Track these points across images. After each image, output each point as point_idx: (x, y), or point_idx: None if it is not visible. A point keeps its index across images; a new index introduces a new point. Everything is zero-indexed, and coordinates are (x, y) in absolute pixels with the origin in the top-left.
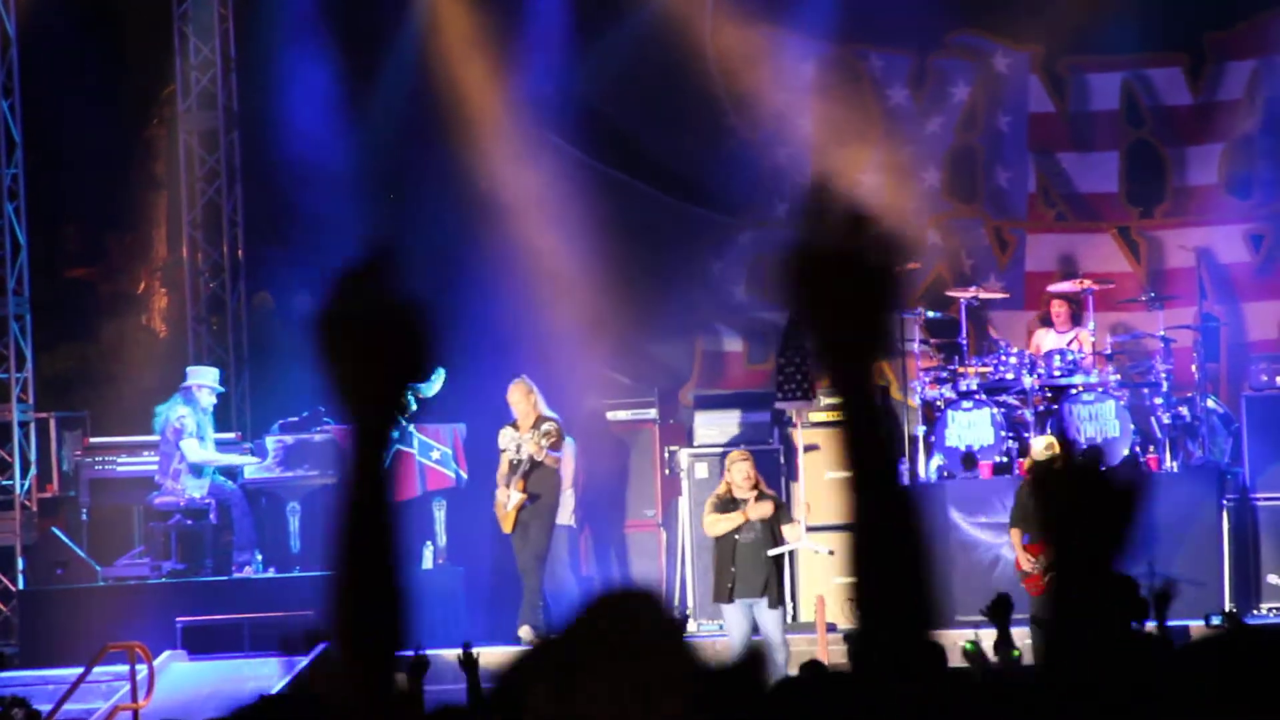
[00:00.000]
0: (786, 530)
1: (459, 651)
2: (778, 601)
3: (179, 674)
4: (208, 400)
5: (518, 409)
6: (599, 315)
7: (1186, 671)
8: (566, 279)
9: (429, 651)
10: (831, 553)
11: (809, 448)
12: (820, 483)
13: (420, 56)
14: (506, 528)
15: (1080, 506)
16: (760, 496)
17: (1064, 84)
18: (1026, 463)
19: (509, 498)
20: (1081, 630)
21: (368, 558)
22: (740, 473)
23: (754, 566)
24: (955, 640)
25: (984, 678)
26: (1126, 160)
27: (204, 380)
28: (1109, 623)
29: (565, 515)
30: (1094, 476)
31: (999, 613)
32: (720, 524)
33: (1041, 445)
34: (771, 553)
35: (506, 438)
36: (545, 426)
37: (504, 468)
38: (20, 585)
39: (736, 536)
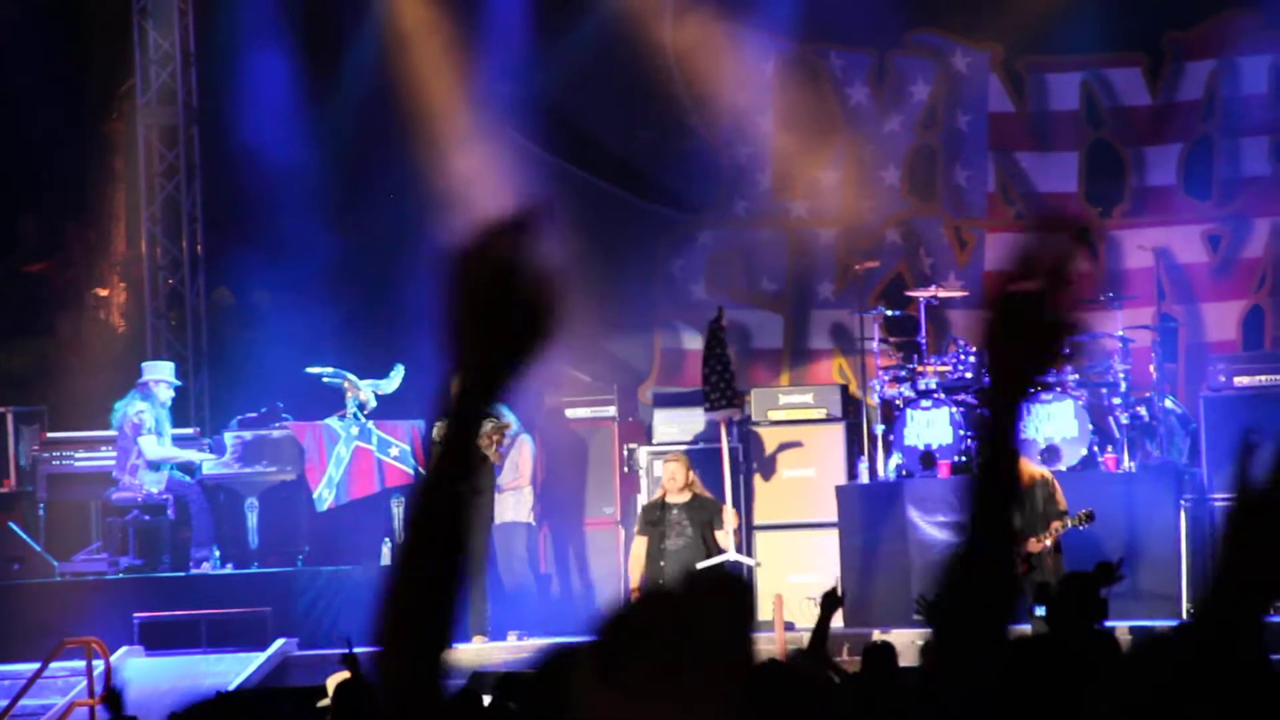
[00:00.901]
0: (720, 535)
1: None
2: None
3: (136, 669)
4: (165, 395)
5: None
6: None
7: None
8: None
9: None
10: (758, 564)
11: (786, 446)
12: (779, 481)
13: (380, 52)
14: None
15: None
16: (694, 499)
17: (1023, 83)
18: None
19: None
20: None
21: (439, 541)
22: (667, 473)
23: (683, 571)
24: (913, 639)
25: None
26: (1086, 160)
27: (160, 375)
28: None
29: (524, 512)
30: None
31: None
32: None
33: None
34: (700, 566)
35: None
36: (493, 423)
37: None
38: None
39: (664, 544)
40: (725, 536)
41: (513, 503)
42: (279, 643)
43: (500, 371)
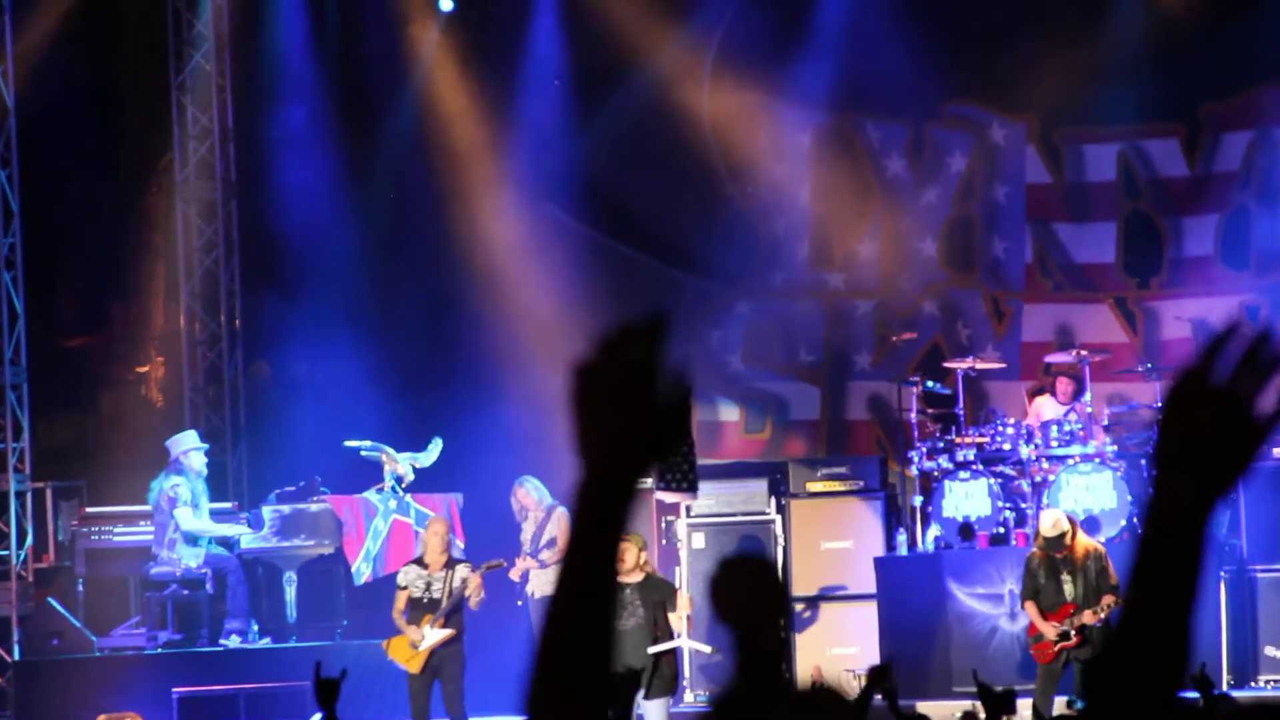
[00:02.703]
0: (673, 618)
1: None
2: (659, 692)
3: None
4: (199, 463)
5: (525, 502)
6: None
7: None
8: (562, 346)
9: None
10: (715, 652)
11: (822, 518)
12: (816, 553)
13: (417, 126)
14: (414, 668)
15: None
16: (648, 579)
17: (1060, 155)
18: (1036, 540)
19: (423, 636)
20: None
21: (584, 631)
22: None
23: (635, 654)
24: (952, 711)
25: None
26: (1123, 231)
27: (187, 445)
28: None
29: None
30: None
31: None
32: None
33: (1050, 522)
34: (652, 650)
35: (412, 574)
36: (473, 578)
37: (401, 604)
38: (16, 656)
39: (619, 625)
40: (678, 621)
41: (552, 575)
42: (316, 717)
43: (635, 471)
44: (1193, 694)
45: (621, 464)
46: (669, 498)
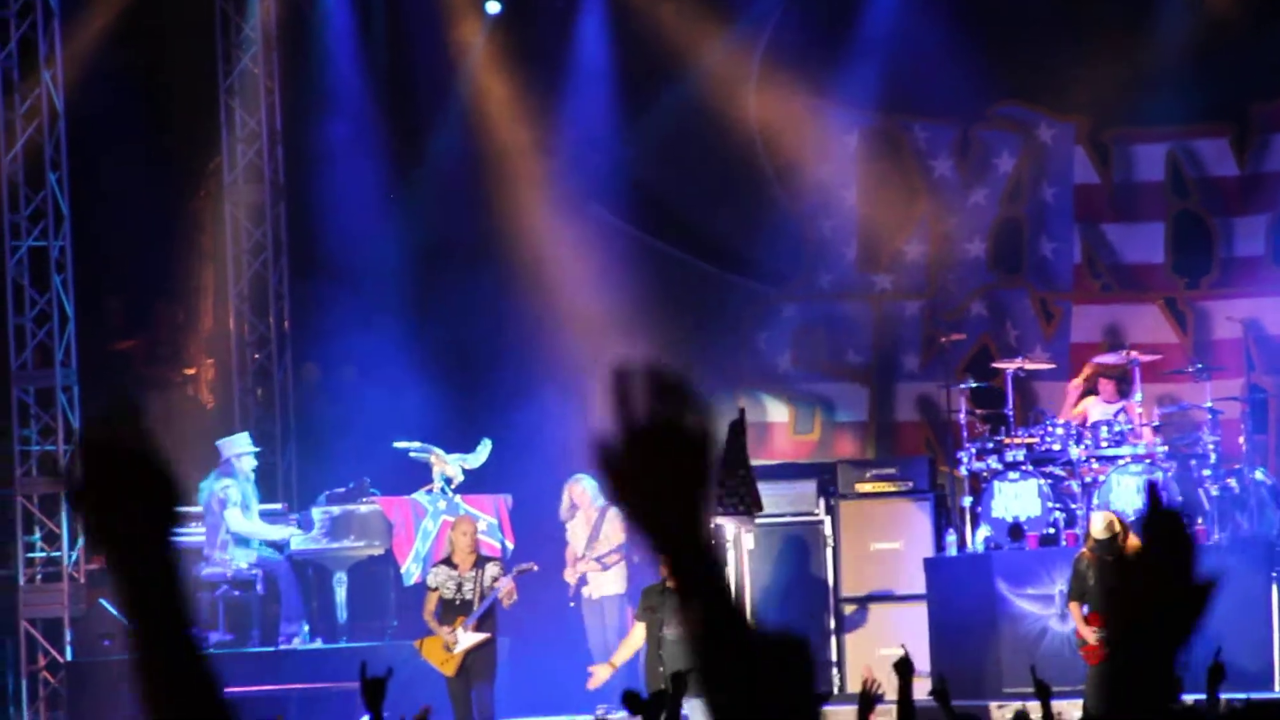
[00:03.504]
0: None
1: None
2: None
3: None
4: (248, 466)
5: (579, 500)
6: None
7: None
8: (609, 348)
9: None
10: None
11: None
12: (866, 553)
13: (464, 127)
14: (449, 671)
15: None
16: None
17: (1109, 155)
18: (1086, 541)
19: (457, 639)
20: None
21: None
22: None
23: (683, 662)
24: (1001, 715)
25: None
26: (1172, 231)
27: (238, 449)
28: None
29: (621, 584)
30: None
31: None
32: (633, 636)
33: (1101, 524)
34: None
35: (442, 575)
36: (505, 581)
37: (432, 605)
38: (69, 656)
39: (662, 633)
40: None
41: (613, 576)
42: (366, 718)
43: (692, 516)
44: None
45: (675, 521)
46: (729, 524)
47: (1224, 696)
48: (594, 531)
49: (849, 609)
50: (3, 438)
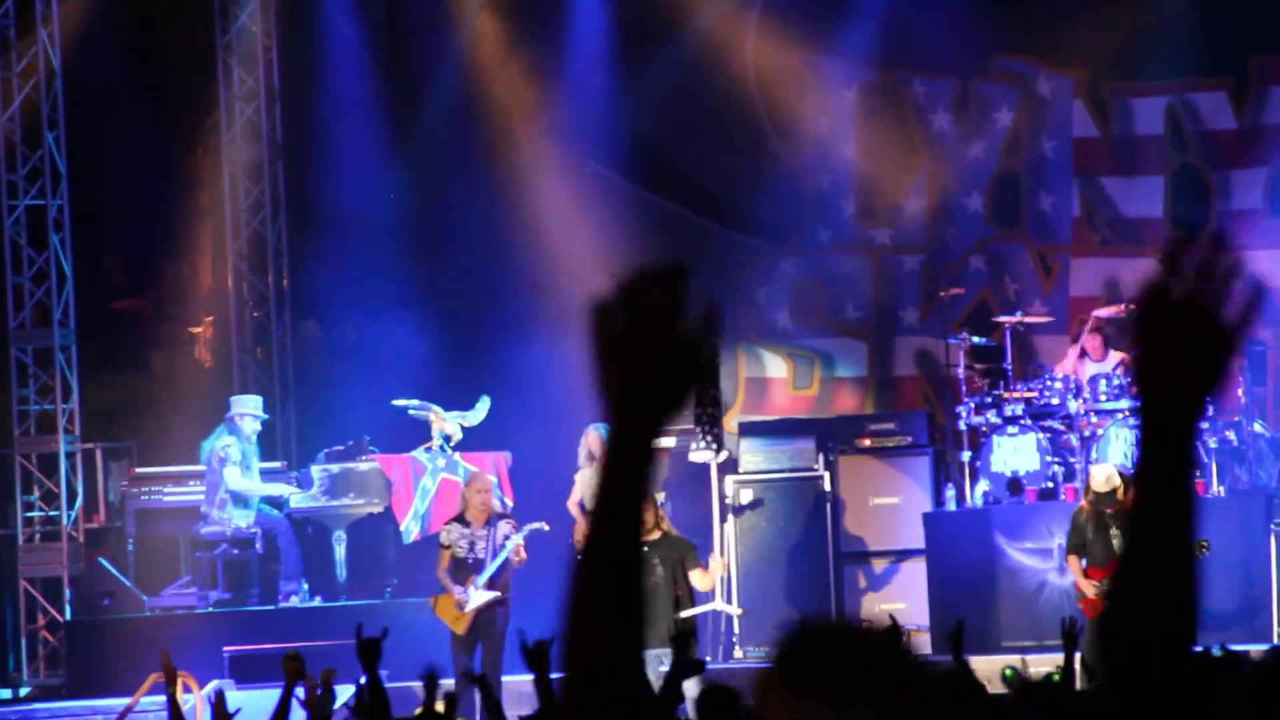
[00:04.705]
0: (694, 576)
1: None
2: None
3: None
4: (251, 428)
5: (595, 448)
6: None
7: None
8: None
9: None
10: (745, 612)
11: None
12: (865, 508)
13: (462, 84)
14: (460, 629)
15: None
16: (665, 537)
17: (1108, 108)
18: (1086, 494)
19: (469, 597)
20: (1145, 650)
21: (611, 591)
22: None
23: (654, 615)
24: (1001, 668)
25: (1025, 704)
26: (1171, 184)
27: (247, 409)
28: (1171, 642)
29: None
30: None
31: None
32: None
33: (1102, 477)
34: (684, 614)
35: (455, 533)
36: (514, 538)
37: (445, 562)
38: (68, 615)
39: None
40: (704, 579)
41: None
42: (362, 680)
43: (659, 416)
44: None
45: (643, 413)
46: (697, 458)
47: (1233, 647)
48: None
49: (848, 564)
50: (1, 396)
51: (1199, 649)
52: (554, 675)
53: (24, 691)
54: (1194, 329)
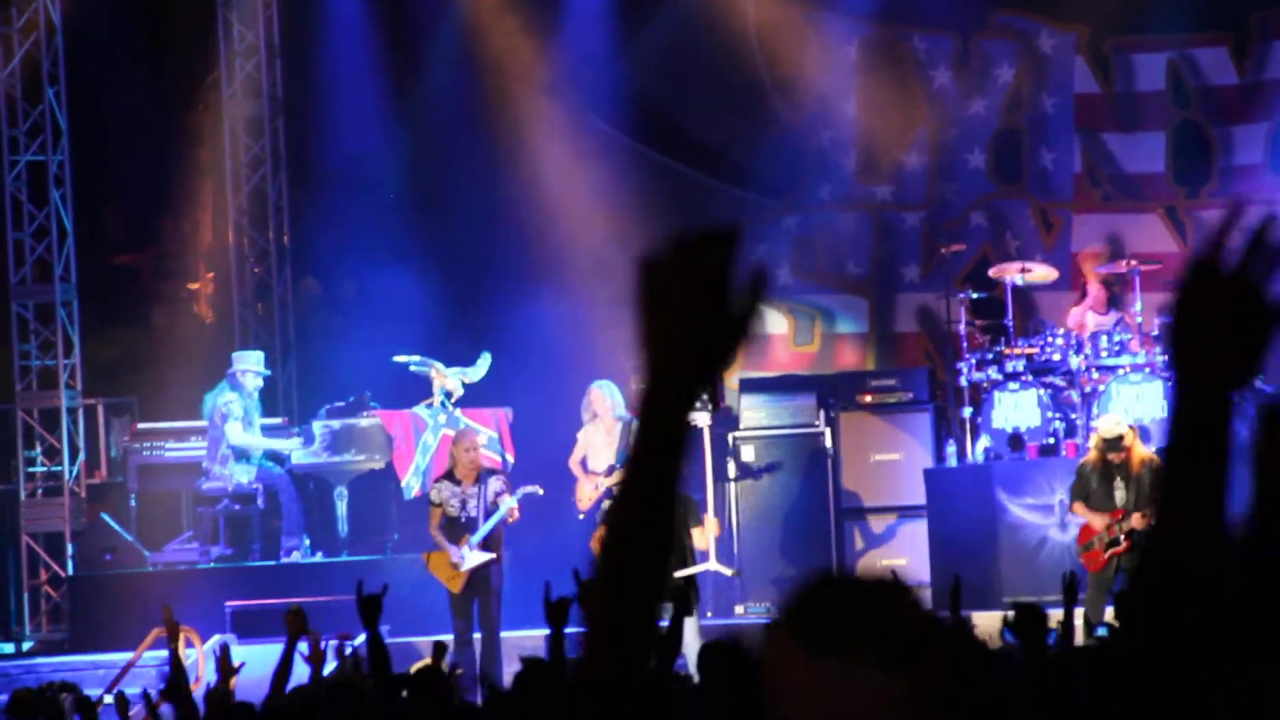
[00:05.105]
0: (695, 533)
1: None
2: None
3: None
4: (253, 384)
5: (598, 406)
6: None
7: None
8: (608, 261)
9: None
10: (738, 573)
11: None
12: (866, 465)
13: (462, 39)
14: (455, 587)
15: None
16: None
17: (1109, 64)
18: (1093, 439)
19: (463, 557)
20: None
21: (646, 545)
22: None
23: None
24: (1000, 625)
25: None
26: (1172, 140)
27: (248, 365)
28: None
29: None
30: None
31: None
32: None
33: (1110, 422)
34: (677, 575)
35: (446, 492)
36: (508, 500)
37: (436, 519)
38: (70, 571)
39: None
40: (700, 537)
41: None
42: (362, 637)
43: (700, 376)
44: None
45: (686, 367)
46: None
47: None
48: (620, 445)
49: (849, 520)
50: (3, 352)
51: None
52: (570, 631)
53: (26, 646)
54: (1238, 307)
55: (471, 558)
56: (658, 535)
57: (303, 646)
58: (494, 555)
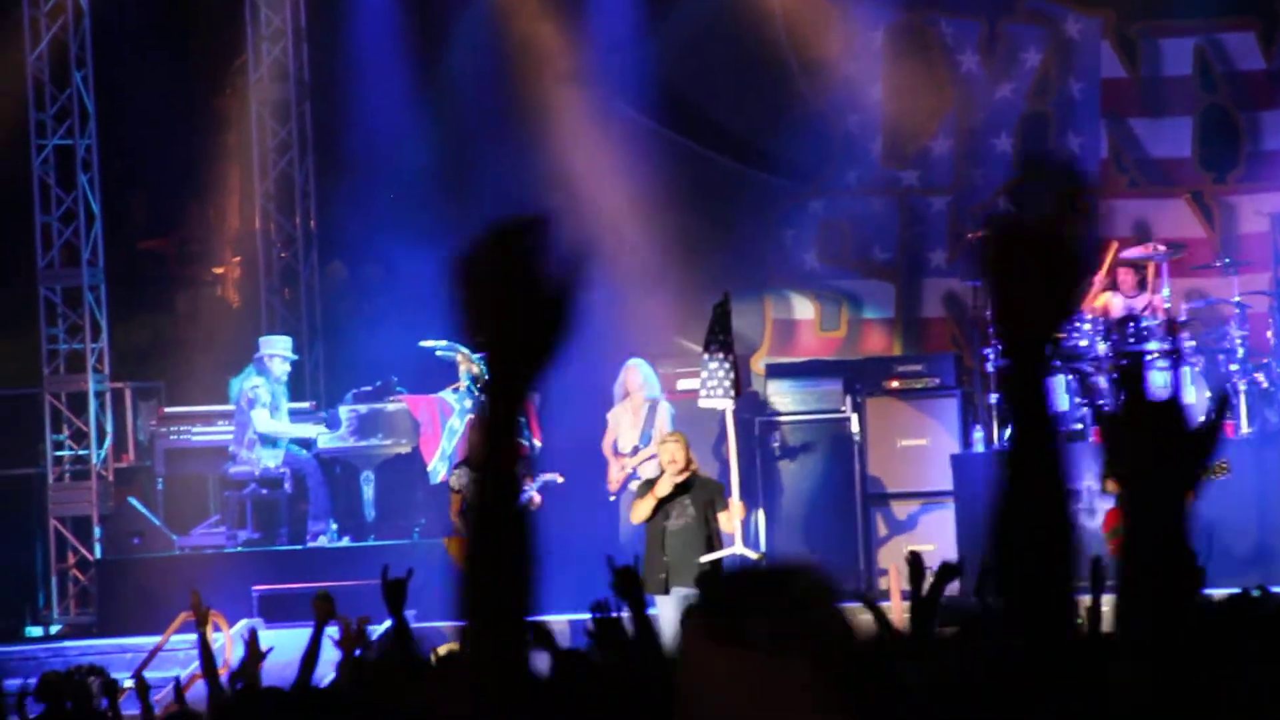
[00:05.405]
0: (721, 518)
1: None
2: (685, 581)
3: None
4: (280, 369)
5: (630, 385)
6: (669, 283)
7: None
8: (636, 247)
9: None
10: (764, 557)
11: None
12: (893, 450)
13: (490, 26)
14: None
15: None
16: (695, 479)
17: (1136, 49)
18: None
19: None
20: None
21: (500, 538)
22: (666, 454)
23: (686, 555)
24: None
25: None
26: (1199, 125)
27: (276, 350)
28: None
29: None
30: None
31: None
32: (639, 510)
33: None
34: (705, 559)
35: (466, 478)
36: (528, 490)
37: (457, 505)
38: (97, 554)
39: (665, 524)
40: (728, 522)
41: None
42: (386, 623)
43: (526, 368)
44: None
45: (512, 364)
46: (709, 404)
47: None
48: (645, 426)
49: (876, 506)
50: (30, 336)
51: (1238, 590)
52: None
53: (55, 629)
54: (1046, 257)
55: None
56: (504, 527)
57: (332, 631)
58: None
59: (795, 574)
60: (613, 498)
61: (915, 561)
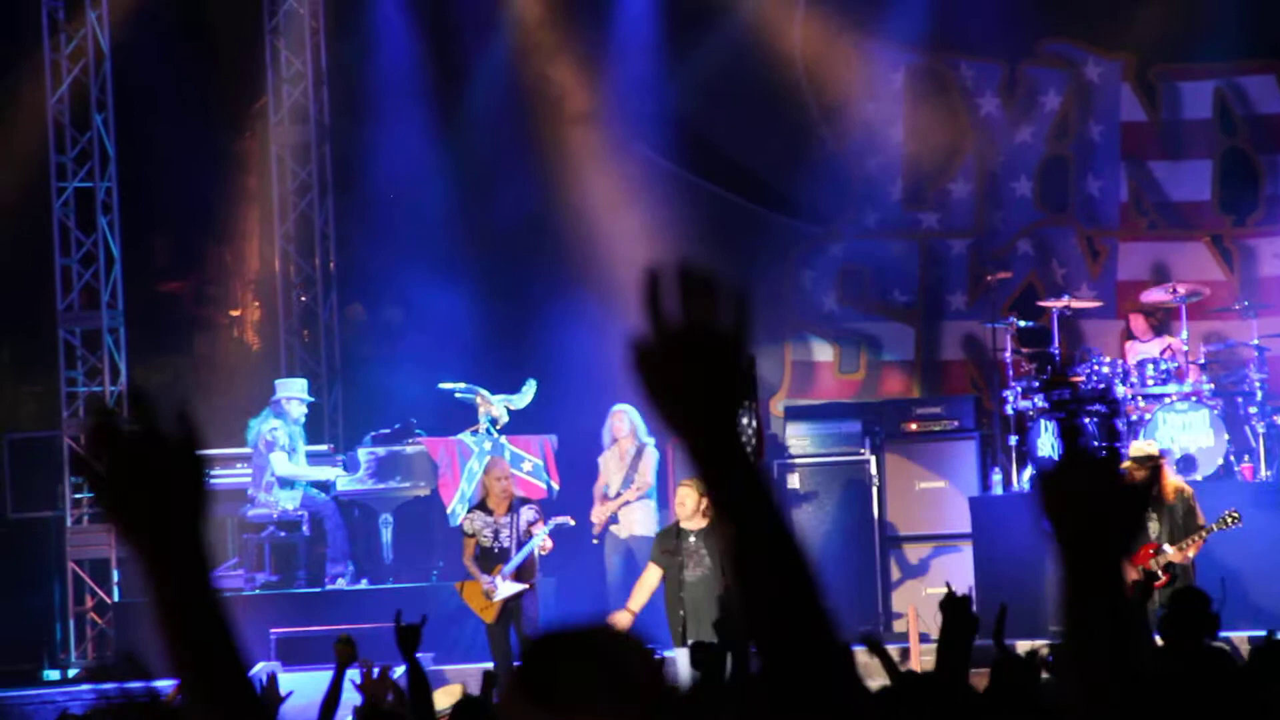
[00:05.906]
0: None
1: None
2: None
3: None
4: (298, 411)
5: (617, 430)
6: None
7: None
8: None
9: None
10: None
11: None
12: (911, 494)
13: (510, 67)
14: (489, 617)
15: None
16: (711, 526)
17: (1156, 92)
18: (1126, 464)
19: (496, 587)
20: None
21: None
22: (679, 499)
23: (704, 605)
24: (1040, 650)
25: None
26: (1219, 168)
27: (292, 392)
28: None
29: (651, 525)
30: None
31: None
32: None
33: (1140, 444)
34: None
35: (479, 522)
36: (539, 534)
37: (470, 550)
38: (116, 598)
39: (683, 575)
40: None
41: (640, 515)
42: (401, 669)
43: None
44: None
45: (705, 433)
46: None
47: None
48: (629, 470)
49: (894, 548)
50: (50, 379)
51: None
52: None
53: (72, 673)
54: (694, 350)
55: (504, 588)
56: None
57: (353, 674)
58: (527, 585)
59: (603, 632)
60: (595, 540)
61: (957, 603)
